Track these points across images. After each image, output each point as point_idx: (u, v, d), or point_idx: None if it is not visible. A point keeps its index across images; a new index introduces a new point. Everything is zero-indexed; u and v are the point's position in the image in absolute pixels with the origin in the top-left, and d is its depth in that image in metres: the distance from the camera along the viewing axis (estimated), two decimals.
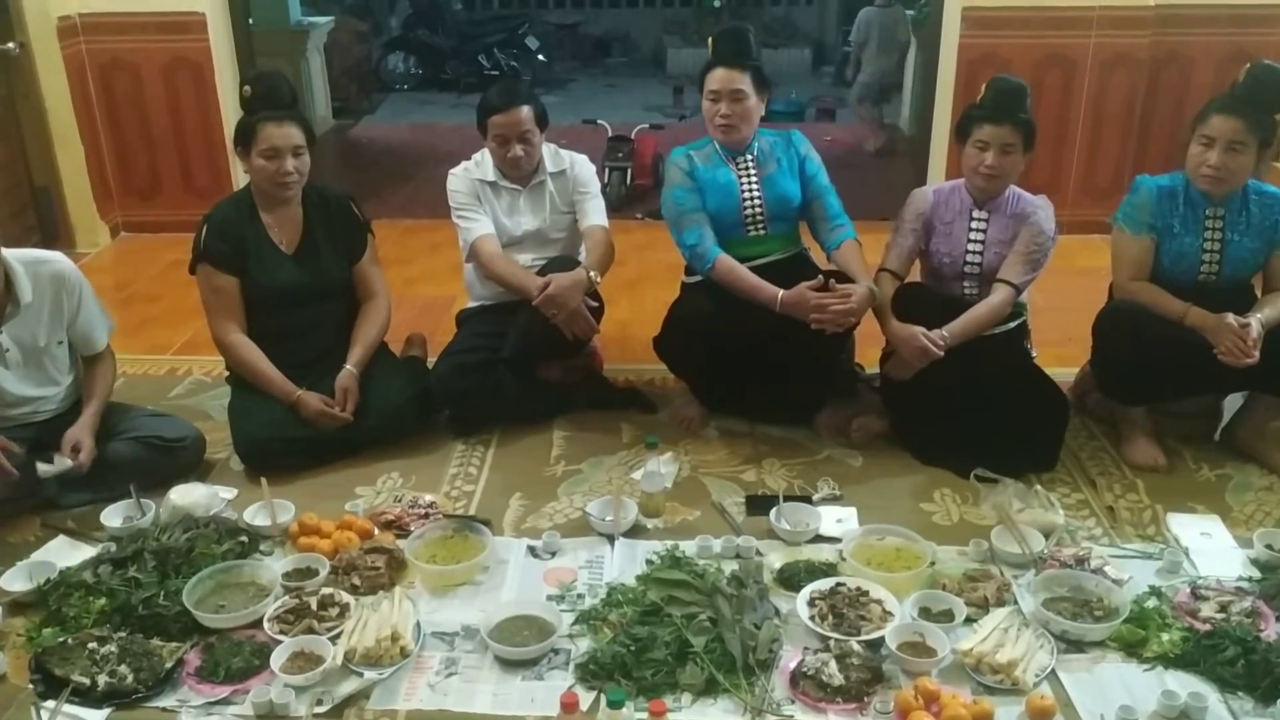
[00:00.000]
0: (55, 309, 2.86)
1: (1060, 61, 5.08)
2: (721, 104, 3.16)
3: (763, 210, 3.24)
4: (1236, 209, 3.03)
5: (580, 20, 13.94)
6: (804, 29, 13.58)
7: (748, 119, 3.20)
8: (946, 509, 2.91)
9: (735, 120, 3.17)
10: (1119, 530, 2.80)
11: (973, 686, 2.18)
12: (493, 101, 3.29)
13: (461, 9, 13.70)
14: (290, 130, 3.05)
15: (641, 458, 3.11)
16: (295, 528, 2.75)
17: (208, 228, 3.14)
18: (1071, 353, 3.52)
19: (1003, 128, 3.00)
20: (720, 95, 3.16)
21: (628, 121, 7.50)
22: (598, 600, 2.46)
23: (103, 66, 5.17)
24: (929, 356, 2.99)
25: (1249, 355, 2.81)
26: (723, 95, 3.15)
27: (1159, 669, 2.24)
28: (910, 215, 3.22)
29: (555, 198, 3.43)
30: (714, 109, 3.18)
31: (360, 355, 3.20)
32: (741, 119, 3.18)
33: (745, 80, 3.16)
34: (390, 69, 11.69)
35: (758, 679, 2.19)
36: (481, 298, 3.50)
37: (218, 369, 3.55)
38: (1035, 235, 3.07)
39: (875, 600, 2.39)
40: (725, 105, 3.16)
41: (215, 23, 5.13)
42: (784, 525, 2.74)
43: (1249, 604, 2.39)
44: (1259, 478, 3.05)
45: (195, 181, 5.37)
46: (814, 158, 3.33)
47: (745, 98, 3.16)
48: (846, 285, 3.01)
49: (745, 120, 3.19)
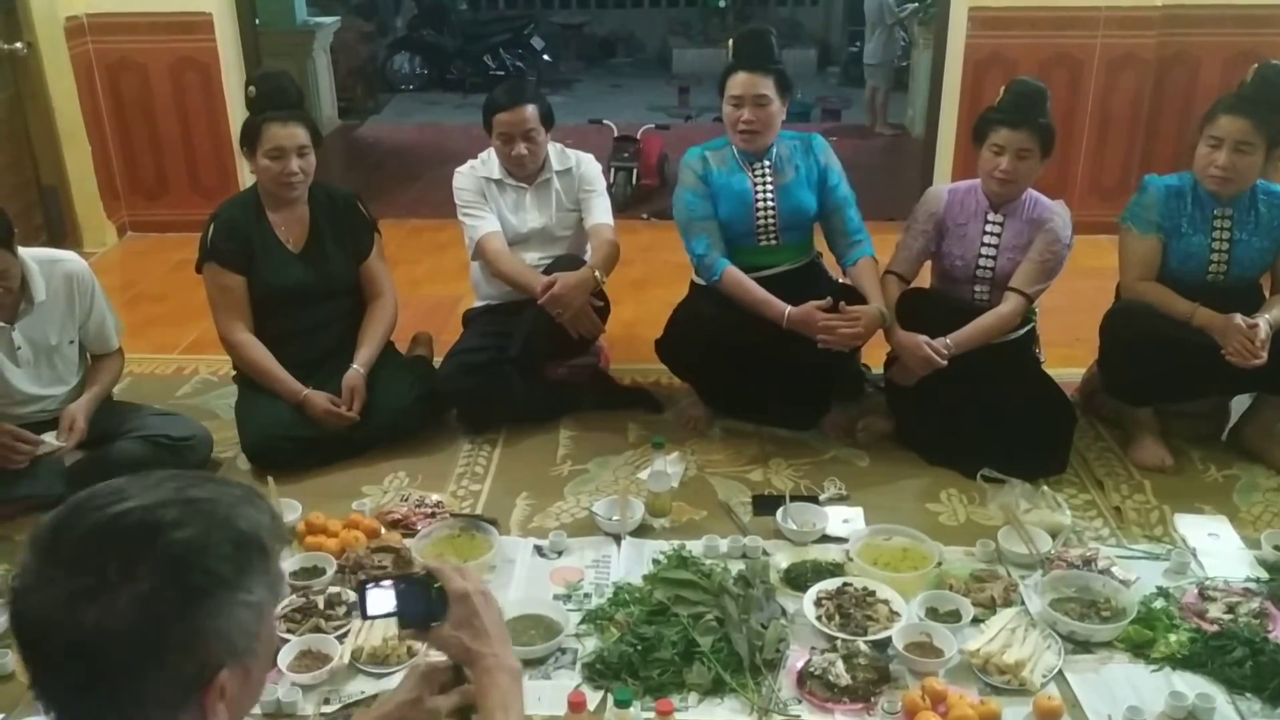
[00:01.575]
0: (68, 308, 2.87)
1: (1067, 61, 5.07)
2: (744, 110, 3.08)
3: (776, 221, 3.20)
4: (1245, 209, 3.02)
5: (585, 20, 13.93)
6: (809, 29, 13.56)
7: (770, 125, 3.12)
8: (953, 509, 2.91)
9: (759, 126, 3.10)
10: (1126, 531, 2.79)
11: (980, 687, 2.18)
12: (498, 99, 3.30)
13: (467, 9, 13.69)
14: (295, 130, 3.05)
15: (648, 457, 3.11)
16: (302, 527, 2.75)
17: (214, 227, 3.14)
18: (1078, 353, 3.51)
19: (1019, 132, 2.95)
20: (743, 100, 3.08)
21: (633, 122, 7.51)
22: (604, 600, 2.46)
23: (110, 66, 5.17)
24: (932, 365, 2.97)
25: (1257, 356, 2.80)
26: (746, 100, 3.08)
27: (1166, 670, 2.24)
28: (923, 216, 3.18)
29: (561, 196, 3.43)
30: (736, 114, 3.10)
31: (367, 355, 3.20)
32: (765, 125, 3.10)
33: (769, 85, 3.08)
34: (396, 69, 11.69)
35: (764, 679, 2.19)
36: (488, 297, 3.50)
37: (224, 368, 3.55)
38: (1051, 243, 3.03)
39: (882, 600, 2.39)
40: (749, 111, 3.08)
41: (222, 23, 5.14)
42: (790, 525, 2.74)
43: (1257, 605, 2.38)
44: (1267, 478, 3.04)
45: (202, 181, 5.37)
46: (835, 167, 3.26)
47: (769, 103, 3.09)
48: (856, 308, 2.99)
49: (768, 126, 3.12)
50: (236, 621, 1.02)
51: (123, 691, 0.98)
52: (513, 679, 1.41)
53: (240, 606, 1.03)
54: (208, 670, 1.01)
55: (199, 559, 1.00)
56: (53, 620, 0.96)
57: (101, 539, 0.98)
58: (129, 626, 0.95)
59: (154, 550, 0.98)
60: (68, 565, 0.97)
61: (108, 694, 0.98)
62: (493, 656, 1.41)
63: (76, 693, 0.99)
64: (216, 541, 1.01)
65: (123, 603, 0.95)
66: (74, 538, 0.99)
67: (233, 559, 1.02)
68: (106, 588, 0.95)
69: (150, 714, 0.99)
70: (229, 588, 1.02)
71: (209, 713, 1.02)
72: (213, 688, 1.02)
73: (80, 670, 0.97)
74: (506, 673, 1.41)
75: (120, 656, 0.96)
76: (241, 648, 1.04)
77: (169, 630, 0.98)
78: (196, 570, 0.99)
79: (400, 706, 1.49)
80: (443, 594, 1.43)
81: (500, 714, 1.37)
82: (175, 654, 0.98)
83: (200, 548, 1.00)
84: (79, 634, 0.95)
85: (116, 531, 0.99)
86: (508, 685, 1.40)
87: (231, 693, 1.04)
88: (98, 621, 0.95)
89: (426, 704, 1.47)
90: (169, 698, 1.00)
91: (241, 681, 1.06)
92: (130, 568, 0.96)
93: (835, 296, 2.99)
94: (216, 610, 1.00)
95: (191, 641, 0.99)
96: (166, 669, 0.98)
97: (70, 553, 0.98)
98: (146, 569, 0.97)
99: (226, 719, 1.04)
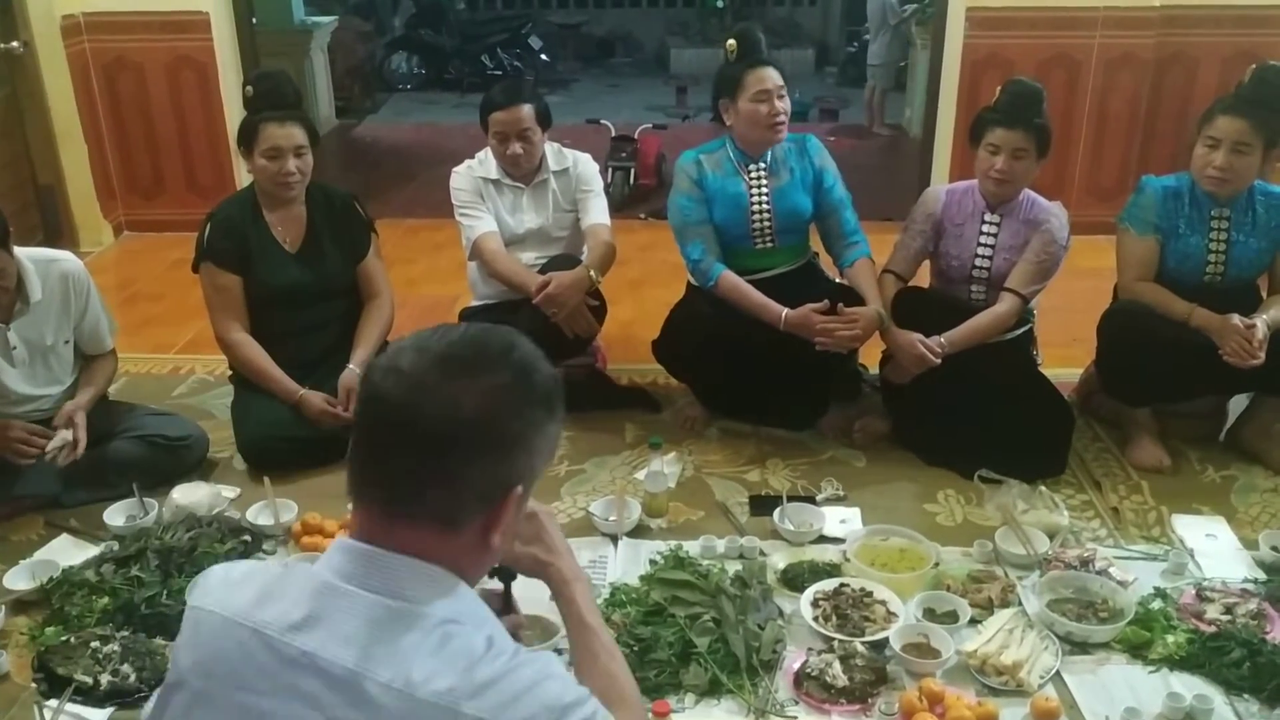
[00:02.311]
0: (64, 308, 2.86)
1: (1065, 62, 5.07)
2: (776, 102, 3.09)
3: (772, 224, 3.20)
4: (1242, 209, 3.02)
5: (583, 20, 13.93)
6: (807, 29, 13.57)
7: (785, 123, 3.16)
8: (950, 510, 2.90)
9: (785, 118, 3.13)
10: (1124, 532, 2.79)
11: (977, 688, 2.17)
12: (495, 99, 3.30)
13: (465, 9, 13.68)
14: (292, 130, 3.05)
15: (645, 458, 3.11)
16: (298, 527, 2.75)
17: (211, 226, 3.14)
18: (1076, 353, 3.51)
19: (1015, 132, 2.96)
20: (770, 94, 3.09)
21: (631, 122, 7.51)
22: (601, 600, 2.45)
23: (106, 66, 5.17)
24: (926, 364, 2.97)
25: (1255, 356, 2.80)
26: (773, 93, 3.09)
27: (1164, 671, 2.23)
28: (920, 216, 3.19)
29: (558, 196, 3.42)
30: (767, 110, 3.09)
31: (364, 355, 3.19)
32: (787, 115, 3.15)
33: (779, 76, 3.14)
34: (393, 69, 11.68)
35: (761, 680, 2.19)
36: (485, 296, 3.50)
37: (220, 368, 3.55)
38: (1047, 244, 3.03)
39: (879, 601, 2.39)
40: (780, 103, 3.10)
41: (219, 22, 5.13)
42: (788, 525, 2.74)
43: (1254, 606, 2.38)
44: (1264, 479, 3.04)
45: (198, 181, 5.36)
46: (830, 168, 3.26)
47: (786, 95, 3.14)
48: (853, 310, 2.99)
49: (785, 125, 3.15)
50: (543, 442, 1.18)
51: (453, 467, 1.11)
52: (588, 585, 1.53)
53: (551, 434, 1.20)
54: (515, 477, 1.15)
55: (541, 376, 1.18)
56: (414, 399, 1.11)
57: (473, 340, 1.16)
58: (476, 410, 1.11)
59: (510, 355, 1.16)
60: (445, 355, 1.14)
61: (439, 467, 1.11)
62: (569, 568, 1.51)
63: (415, 464, 1.11)
64: (547, 373, 1.19)
65: (480, 387, 1.12)
66: (453, 337, 1.17)
67: (554, 392, 1.19)
68: (471, 372, 1.12)
69: (465, 497, 1.13)
70: (549, 410, 1.18)
71: (497, 524, 1.16)
72: (511, 498, 1.15)
73: (432, 441, 1.10)
74: (582, 581, 1.52)
75: (463, 434, 1.11)
76: (536, 472, 1.19)
77: (506, 423, 1.13)
78: (538, 381, 1.17)
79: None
80: None
81: (591, 615, 1.49)
82: (504, 447, 1.13)
83: (544, 372, 1.18)
84: (437, 409, 1.10)
85: (485, 339, 1.17)
86: (586, 591, 1.52)
87: (507, 520, 1.17)
88: (456, 398, 1.10)
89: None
90: (486, 487, 1.14)
91: (516, 515, 1.20)
92: (493, 364, 1.14)
93: (832, 298, 2.99)
94: (538, 424, 1.16)
95: (516, 441, 1.14)
96: (494, 457, 1.13)
97: (449, 346, 1.15)
98: (504, 366, 1.15)
99: (499, 545, 1.18)
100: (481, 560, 1.20)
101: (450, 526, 1.14)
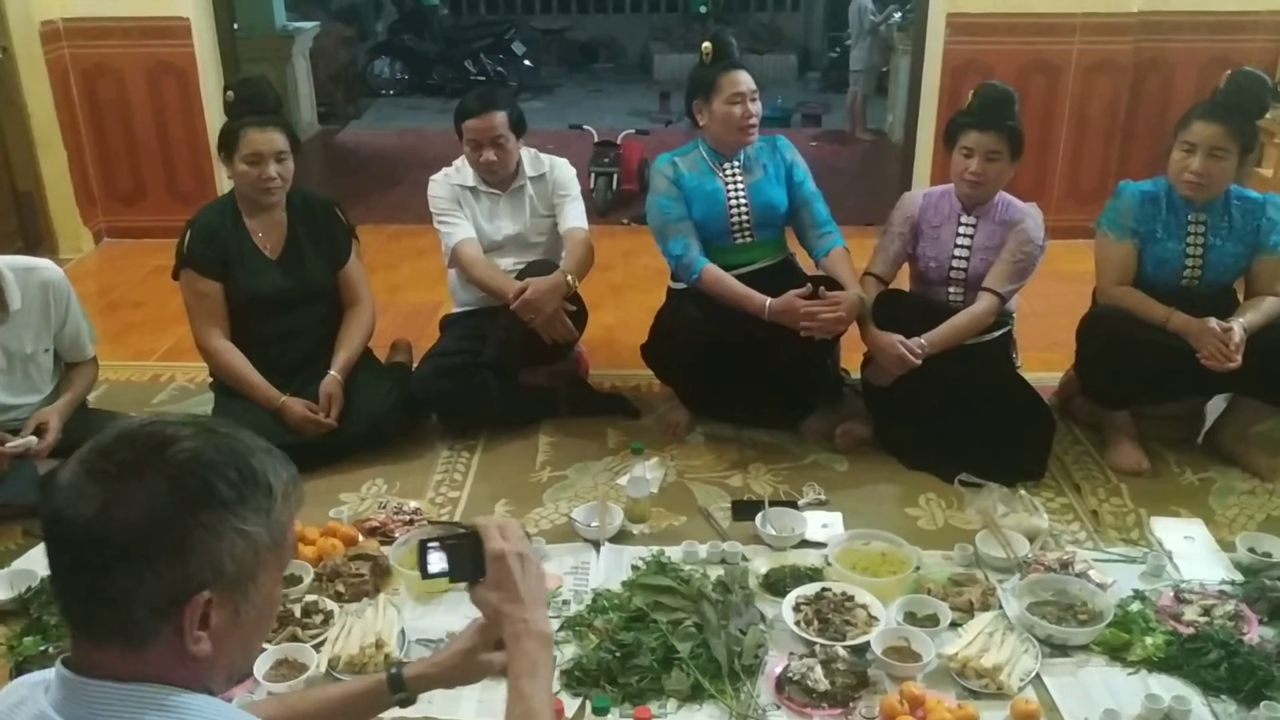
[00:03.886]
0: (43, 316, 2.85)
1: (1044, 67, 5.11)
2: (750, 105, 3.16)
3: (749, 217, 3.24)
4: (1219, 214, 3.04)
5: (567, 26, 13.94)
6: (790, 35, 13.61)
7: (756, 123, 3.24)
8: (931, 514, 2.92)
9: (757, 120, 3.21)
10: (1103, 534, 2.81)
11: (958, 691, 2.18)
12: (468, 106, 3.31)
13: (447, 14, 13.68)
14: (273, 136, 3.04)
15: (627, 463, 3.11)
16: None
17: (191, 233, 3.12)
18: (1056, 357, 3.53)
19: (988, 135, 3.00)
20: (744, 97, 3.15)
21: (614, 127, 7.51)
22: (583, 606, 2.45)
23: (86, 71, 5.14)
24: (906, 365, 2.99)
25: (1231, 360, 2.82)
26: (746, 96, 3.16)
27: (1143, 672, 2.25)
28: (899, 219, 3.23)
29: (535, 202, 3.42)
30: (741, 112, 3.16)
31: (344, 361, 3.18)
32: (759, 118, 3.23)
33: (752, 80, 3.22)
34: (376, 74, 11.66)
35: (743, 685, 2.19)
36: (465, 303, 3.50)
37: (201, 375, 3.53)
38: (1023, 244, 3.07)
39: (860, 605, 2.39)
40: (753, 106, 3.17)
41: (199, 28, 5.11)
42: (770, 530, 2.74)
43: (1232, 607, 2.40)
44: (1241, 481, 3.06)
45: (179, 187, 5.34)
46: (800, 164, 3.33)
47: (758, 98, 3.22)
48: (835, 293, 3.02)
49: (756, 125, 3.23)
50: (228, 545, 1.07)
51: (115, 580, 1.04)
52: (541, 644, 1.38)
53: (234, 532, 1.07)
54: (191, 583, 1.05)
55: (201, 470, 1.06)
56: (69, 505, 1.04)
57: (125, 439, 1.08)
58: (130, 516, 1.03)
59: (163, 456, 1.06)
60: (92, 460, 1.06)
61: (101, 581, 1.04)
62: (521, 621, 1.38)
63: (78, 579, 1.06)
64: (222, 463, 1.08)
65: (129, 494, 1.03)
66: (105, 439, 1.09)
67: (235, 485, 1.08)
68: (118, 478, 1.04)
69: (135, 612, 1.05)
70: (225, 508, 1.07)
71: (186, 633, 1.06)
72: (192, 605, 1.06)
73: (84, 552, 1.04)
74: (535, 638, 1.38)
75: (118, 542, 1.03)
76: (229, 575, 1.08)
77: (163, 530, 1.04)
78: (196, 479, 1.06)
79: (455, 655, 1.53)
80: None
81: (526, 680, 1.35)
82: (165, 556, 1.04)
83: (206, 462, 1.07)
84: (89, 516, 1.03)
85: (138, 436, 1.08)
86: (535, 651, 1.37)
87: (216, 624, 1.08)
88: (106, 506, 1.03)
89: (480, 657, 1.50)
90: (154, 599, 1.05)
91: (229, 619, 1.09)
92: (140, 466, 1.05)
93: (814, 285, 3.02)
94: (209, 525, 1.06)
95: (181, 546, 1.04)
96: (154, 567, 1.04)
97: (99, 449, 1.08)
98: (153, 469, 1.05)
99: (209, 651, 1.08)
100: (198, 668, 1.09)
101: (131, 644, 1.06)
